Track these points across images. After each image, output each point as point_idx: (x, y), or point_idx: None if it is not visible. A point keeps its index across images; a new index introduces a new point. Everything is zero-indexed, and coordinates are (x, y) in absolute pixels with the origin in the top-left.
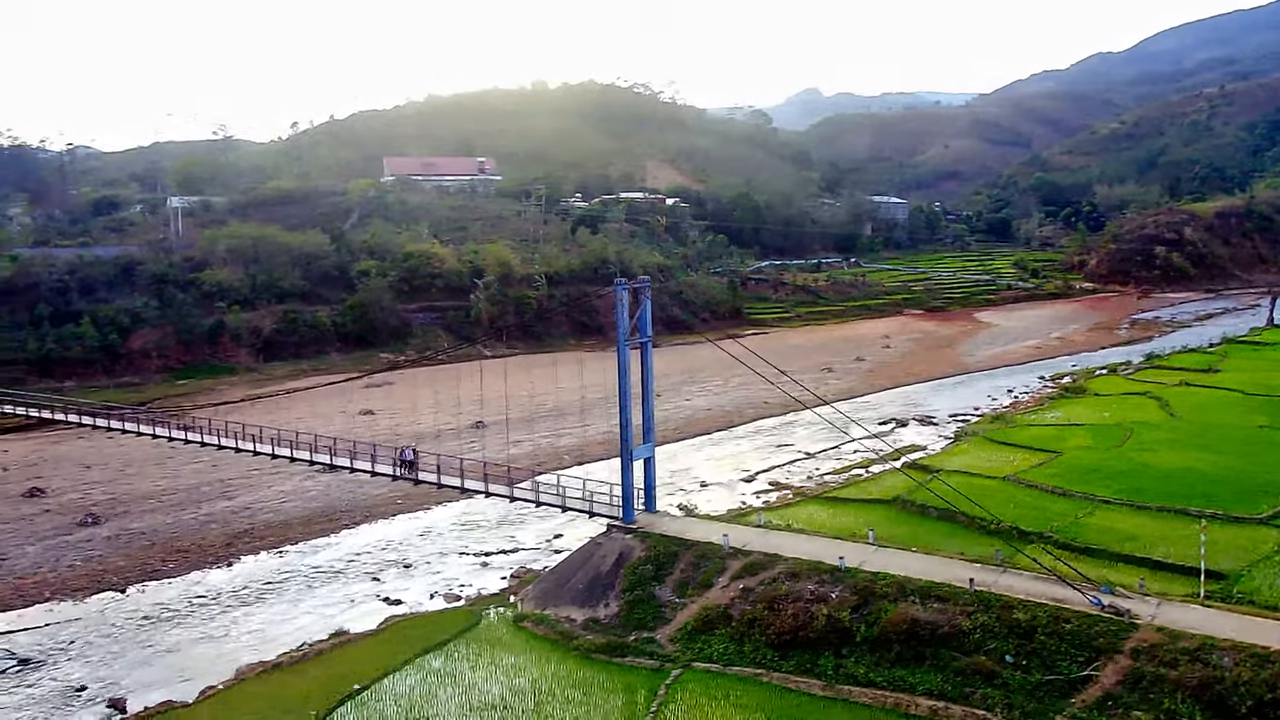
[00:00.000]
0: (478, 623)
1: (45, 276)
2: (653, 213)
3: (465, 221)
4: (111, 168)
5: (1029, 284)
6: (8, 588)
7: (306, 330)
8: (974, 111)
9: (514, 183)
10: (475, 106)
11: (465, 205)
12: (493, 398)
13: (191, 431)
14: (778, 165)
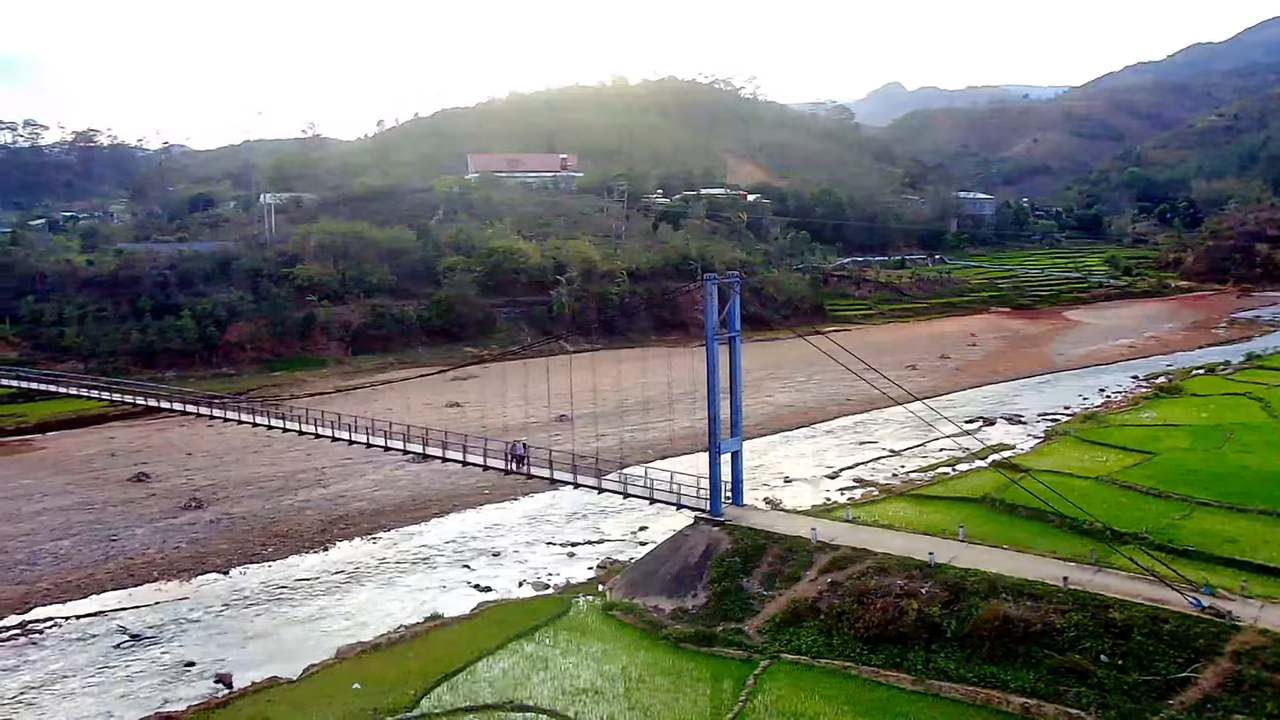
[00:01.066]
0: (567, 610)
1: (147, 270)
2: (734, 209)
3: (548, 218)
4: (204, 165)
5: (1121, 282)
6: (119, 567)
7: (393, 324)
8: (1065, 105)
9: (596, 179)
10: (557, 103)
11: (548, 201)
12: (576, 392)
13: (289, 420)
14: (860, 161)
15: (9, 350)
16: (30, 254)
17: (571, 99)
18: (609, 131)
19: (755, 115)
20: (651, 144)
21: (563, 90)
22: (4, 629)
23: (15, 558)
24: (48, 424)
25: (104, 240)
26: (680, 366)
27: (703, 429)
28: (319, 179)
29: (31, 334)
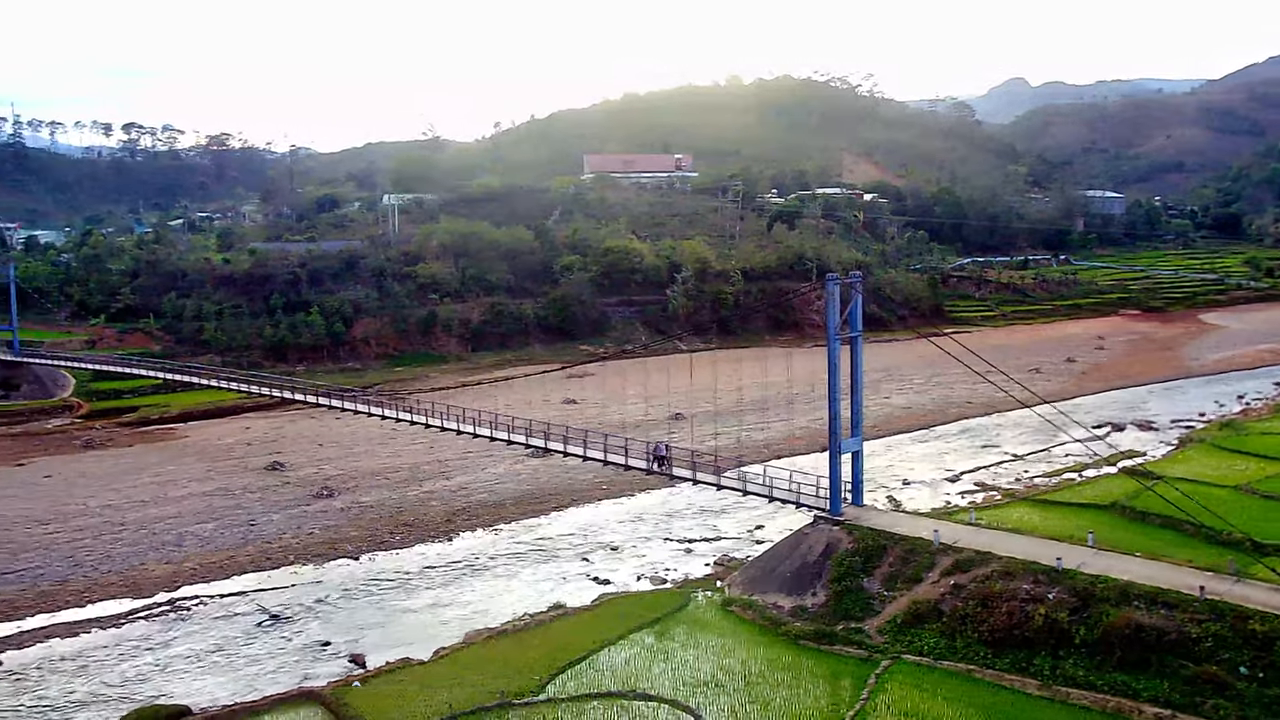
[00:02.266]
0: (686, 604)
1: (279, 269)
2: (850, 208)
3: (662, 218)
4: (328, 167)
5: (1263, 284)
6: (258, 550)
7: (511, 322)
8: (1202, 99)
9: (710, 179)
10: (671, 103)
11: (662, 201)
12: (690, 390)
13: (415, 414)
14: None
15: (153, 344)
16: (172, 253)
17: (685, 99)
18: (723, 131)
19: (872, 113)
20: (766, 143)
21: (677, 90)
22: (156, 605)
23: (164, 539)
24: (189, 414)
25: (238, 240)
26: (794, 367)
27: (818, 429)
28: (438, 180)
29: (173, 328)
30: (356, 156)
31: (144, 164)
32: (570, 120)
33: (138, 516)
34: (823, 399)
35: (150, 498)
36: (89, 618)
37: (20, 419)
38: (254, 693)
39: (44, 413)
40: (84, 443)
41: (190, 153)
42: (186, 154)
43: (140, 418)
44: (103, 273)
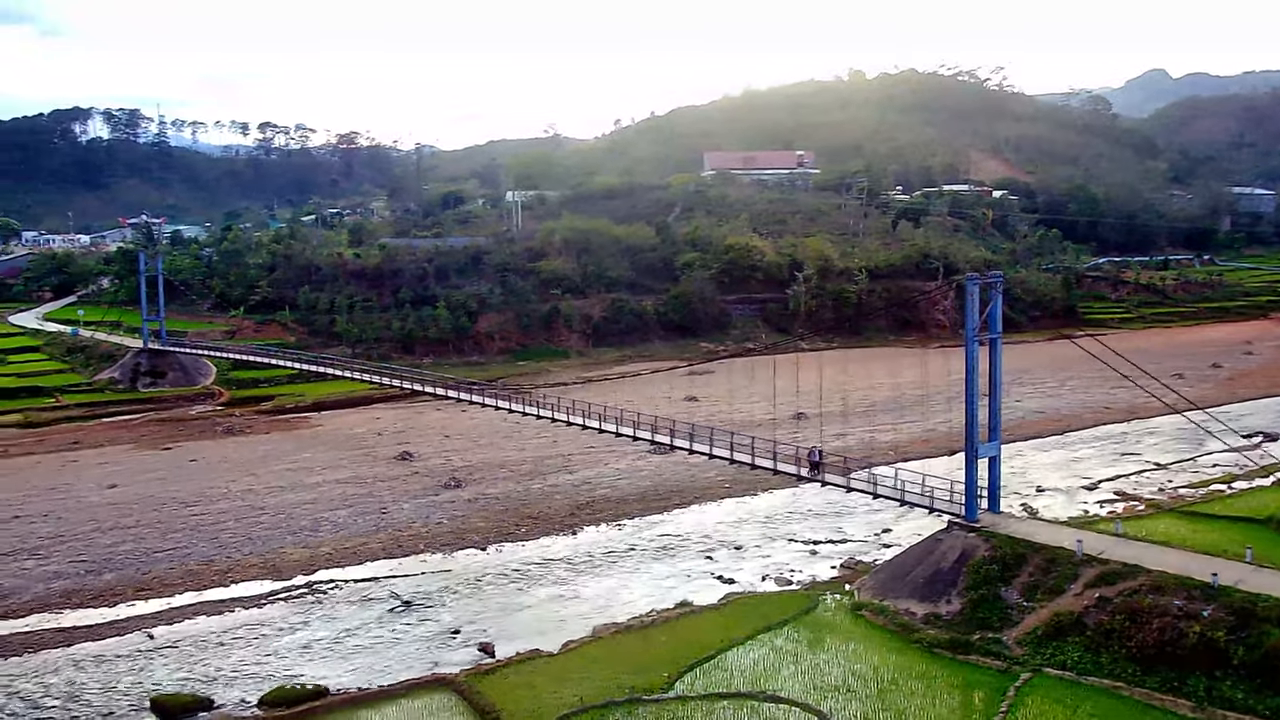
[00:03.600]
0: (814, 607)
1: (407, 264)
2: (978, 206)
3: (784, 215)
4: (452, 165)
5: None
6: (389, 538)
7: (632, 318)
8: None
9: (832, 176)
10: (792, 99)
11: (784, 199)
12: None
13: (541, 408)
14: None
15: (288, 335)
16: (305, 248)
17: (807, 95)
18: (846, 127)
19: (1001, 108)
20: (890, 140)
21: (798, 86)
22: (294, 588)
23: (300, 524)
24: (322, 404)
25: (368, 235)
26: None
27: (946, 432)
28: (559, 177)
29: (307, 320)
30: (479, 154)
31: (278, 162)
32: (690, 117)
33: (276, 501)
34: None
35: (287, 484)
36: (232, 597)
37: (166, 405)
38: (388, 677)
39: (188, 399)
40: (225, 429)
41: (321, 151)
42: (318, 152)
43: (276, 406)
44: (242, 267)
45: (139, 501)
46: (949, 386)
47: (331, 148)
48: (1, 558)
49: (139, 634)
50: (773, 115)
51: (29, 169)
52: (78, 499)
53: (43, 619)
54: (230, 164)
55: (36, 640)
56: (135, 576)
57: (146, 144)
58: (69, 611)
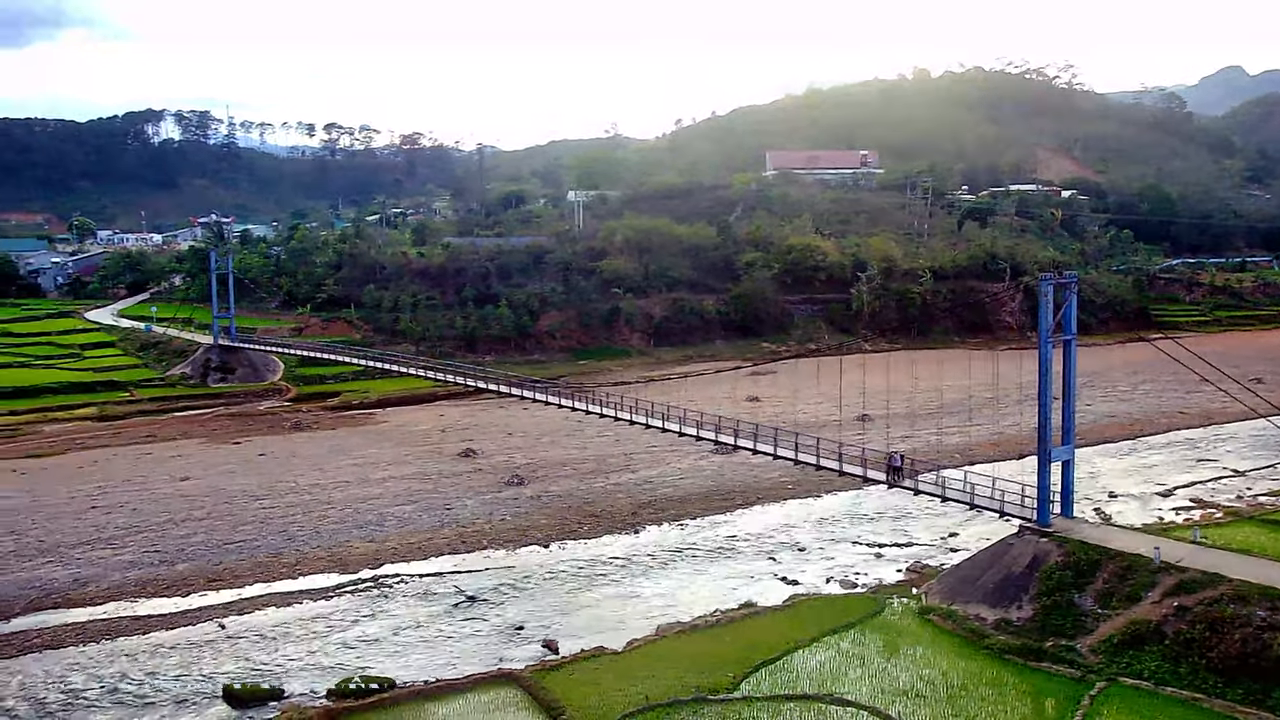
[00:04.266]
0: (881, 610)
1: (470, 263)
2: (1046, 205)
3: (847, 215)
4: (514, 164)
5: None
6: (454, 534)
7: (693, 318)
8: None
9: (897, 175)
10: (855, 98)
11: (847, 198)
12: (875, 391)
13: (605, 407)
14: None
15: (353, 332)
16: (371, 247)
17: (870, 94)
18: (910, 126)
19: (1070, 106)
20: (956, 138)
21: (861, 85)
22: (360, 581)
23: (366, 518)
24: (387, 400)
25: (432, 235)
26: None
27: (1014, 435)
28: (620, 177)
29: (372, 318)
30: (540, 154)
31: (342, 162)
32: (751, 116)
33: (342, 496)
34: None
35: (353, 479)
36: (300, 589)
37: (236, 400)
38: (453, 671)
39: (257, 395)
40: (293, 424)
41: (385, 151)
42: (381, 152)
43: (343, 402)
44: (309, 265)
45: (210, 494)
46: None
47: (395, 148)
48: (80, 547)
49: (211, 624)
50: (835, 114)
51: (105, 170)
52: (152, 491)
53: (120, 607)
54: (296, 164)
55: (114, 628)
56: (207, 567)
57: (216, 145)
58: (144, 600)
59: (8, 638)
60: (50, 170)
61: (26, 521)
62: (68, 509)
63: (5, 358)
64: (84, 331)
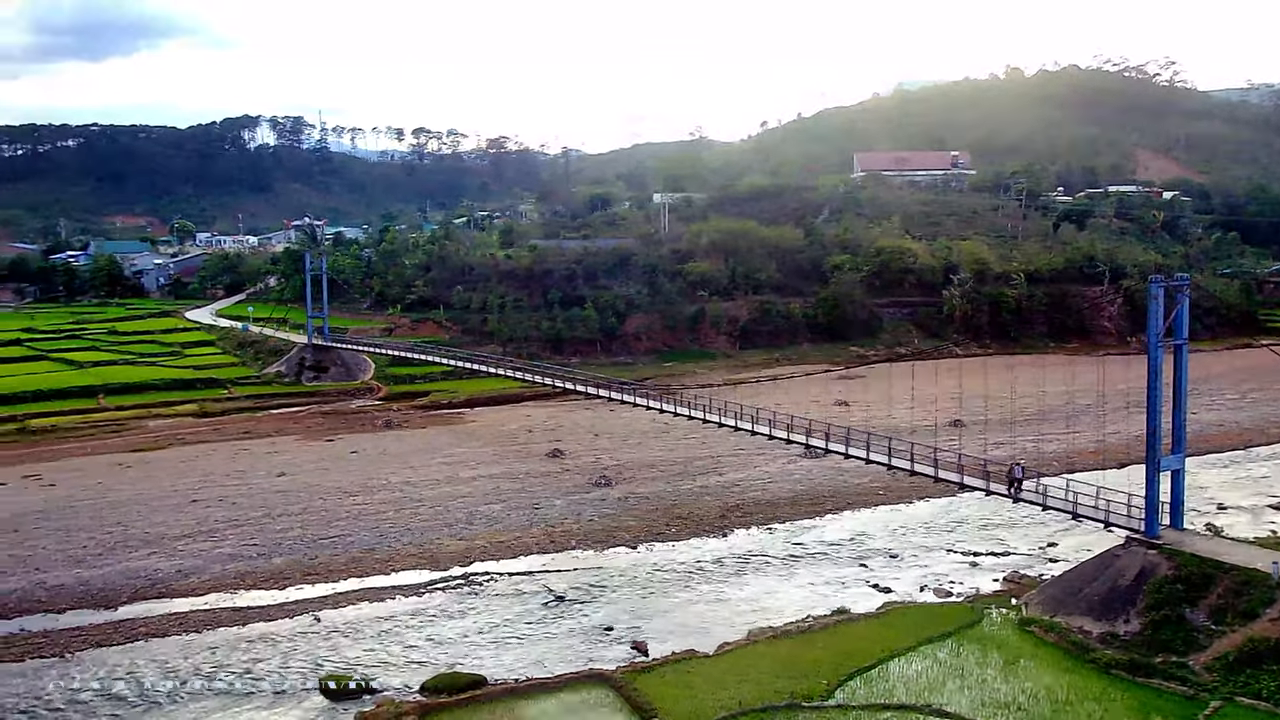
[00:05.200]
0: (979, 621)
1: (557, 265)
2: (1146, 207)
3: (938, 217)
4: (598, 167)
5: None
6: (542, 533)
7: (780, 320)
8: None
9: (989, 176)
10: (945, 98)
11: (937, 200)
12: (967, 396)
13: (693, 409)
14: None
15: (442, 333)
16: (459, 249)
17: (961, 93)
18: (1003, 126)
19: (1171, 104)
20: (1051, 139)
21: (952, 85)
22: (451, 578)
23: (456, 516)
24: (475, 400)
25: (519, 237)
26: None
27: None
28: (705, 179)
29: (460, 319)
30: (625, 157)
31: (430, 166)
32: (838, 118)
33: (433, 494)
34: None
35: (443, 477)
36: (392, 585)
37: (329, 398)
38: (543, 669)
39: (349, 394)
40: (384, 422)
41: (471, 155)
42: (468, 156)
43: (432, 401)
44: (399, 267)
45: (305, 490)
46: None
47: (481, 152)
48: (183, 539)
49: (307, 617)
50: (925, 115)
51: (204, 174)
52: (250, 486)
53: (220, 598)
54: (386, 168)
55: (214, 618)
56: (303, 562)
57: (309, 150)
58: (243, 592)
59: (115, 625)
60: (153, 175)
61: (132, 513)
62: (170, 502)
63: (112, 355)
64: (185, 330)
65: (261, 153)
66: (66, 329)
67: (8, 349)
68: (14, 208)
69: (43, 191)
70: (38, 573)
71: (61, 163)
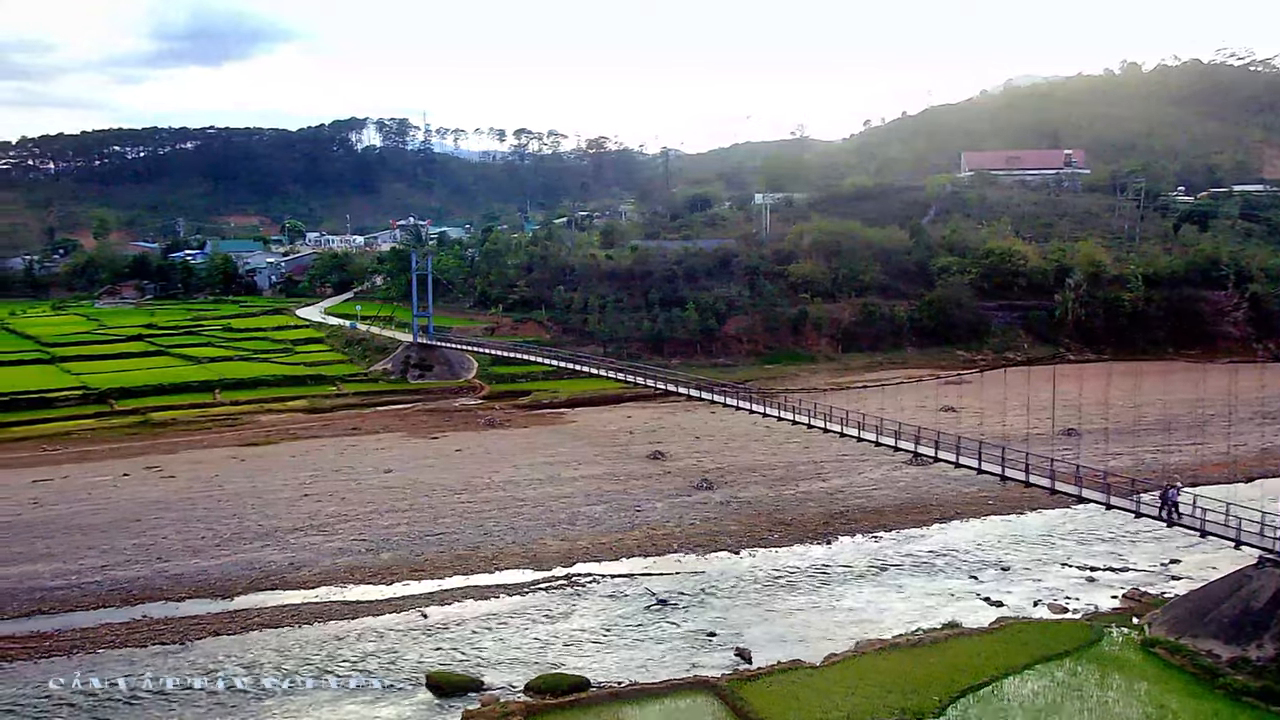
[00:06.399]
0: (1098, 640)
1: (657, 265)
2: (1274, 207)
3: (1050, 218)
4: (698, 167)
5: None
6: (643, 536)
7: (883, 323)
8: None
9: (1104, 176)
10: (1058, 94)
11: (1050, 200)
12: (1082, 404)
13: (798, 414)
14: None
15: (543, 333)
16: (561, 249)
17: (1075, 90)
18: (1119, 124)
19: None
20: (1170, 136)
21: (1065, 80)
22: (554, 578)
23: (559, 516)
24: (576, 400)
25: (619, 237)
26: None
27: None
28: (807, 179)
29: (561, 319)
30: (724, 156)
31: (531, 166)
32: (945, 116)
33: (535, 494)
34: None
35: (545, 476)
36: (496, 584)
37: (434, 396)
38: (646, 674)
39: (452, 392)
40: (486, 421)
41: (571, 155)
42: (568, 156)
43: (533, 401)
44: (501, 267)
45: (411, 487)
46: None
47: (581, 152)
48: (295, 532)
49: (414, 612)
50: (1037, 112)
51: (313, 175)
52: (358, 482)
53: (330, 591)
54: (487, 169)
55: (325, 611)
56: (409, 558)
57: (413, 151)
58: (352, 586)
59: (231, 615)
60: (265, 176)
61: (246, 506)
62: (283, 495)
63: (227, 351)
64: (295, 328)
65: (368, 154)
66: (185, 325)
67: (131, 344)
68: (136, 207)
69: (163, 192)
70: (160, 561)
71: (180, 164)
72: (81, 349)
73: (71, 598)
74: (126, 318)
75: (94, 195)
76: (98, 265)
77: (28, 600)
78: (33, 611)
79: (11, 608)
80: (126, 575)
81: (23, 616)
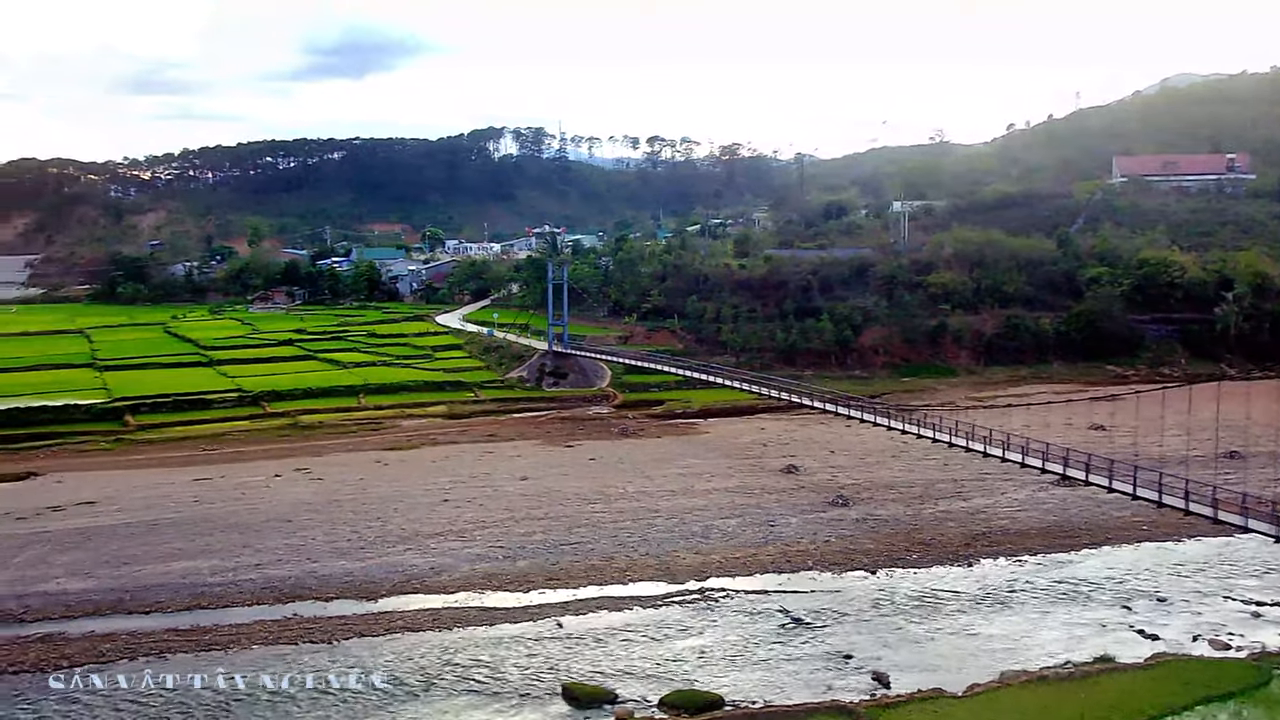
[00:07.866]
0: (1267, 682)
1: (792, 275)
2: None
3: (1210, 226)
4: (832, 174)
5: None
6: (777, 552)
7: (1028, 336)
8: None
9: (1271, 181)
10: (1220, 95)
11: (1210, 207)
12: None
13: (938, 431)
14: None
15: (676, 342)
16: (694, 258)
17: (1238, 89)
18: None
19: None
20: None
21: (1227, 80)
22: (687, 592)
23: (692, 529)
24: (708, 410)
25: (753, 246)
26: None
27: None
28: (946, 185)
29: (694, 328)
30: (860, 162)
31: (663, 174)
32: (1094, 119)
33: (668, 505)
34: None
35: (678, 488)
36: (630, 595)
37: (567, 404)
38: (781, 695)
39: (586, 400)
40: (620, 430)
41: (704, 162)
42: (701, 163)
43: (666, 410)
44: (635, 275)
45: (546, 495)
46: None
47: (714, 159)
48: (435, 537)
49: (550, 621)
50: (1196, 113)
51: (451, 184)
52: (495, 488)
53: (468, 597)
54: (621, 176)
55: (463, 617)
56: (545, 566)
57: (549, 159)
58: (490, 593)
59: (376, 616)
60: (406, 185)
61: (389, 509)
62: (424, 500)
63: (371, 356)
64: (435, 334)
65: (505, 162)
66: (331, 330)
67: (282, 349)
68: (287, 216)
69: (311, 200)
70: (309, 562)
71: (327, 174)
72: (236, 353)
73: (229, 594)
74: (278, 322)
75: (248, 204)
76: (252, 271)
77: (190, 595)
78: (193, 606)
79: (175, 602)
80: (279, 574)
81: (184, 610)
